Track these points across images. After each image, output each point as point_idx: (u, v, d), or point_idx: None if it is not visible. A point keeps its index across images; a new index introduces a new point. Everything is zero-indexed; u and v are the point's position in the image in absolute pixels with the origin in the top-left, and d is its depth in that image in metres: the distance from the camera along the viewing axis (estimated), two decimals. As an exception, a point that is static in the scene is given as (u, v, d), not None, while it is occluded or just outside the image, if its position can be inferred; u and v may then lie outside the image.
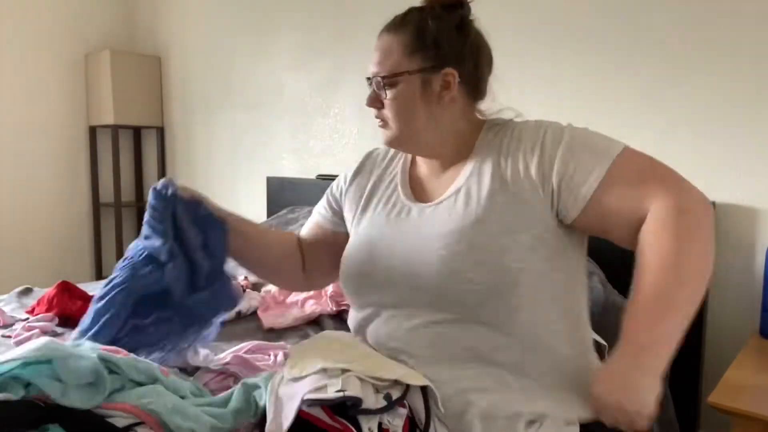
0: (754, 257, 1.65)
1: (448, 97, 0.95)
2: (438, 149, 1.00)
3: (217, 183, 3.26)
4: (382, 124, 0.99)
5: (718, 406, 1.17)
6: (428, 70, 0.94)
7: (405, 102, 0.95)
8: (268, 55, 2.91)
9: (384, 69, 0.95)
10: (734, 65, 1.65)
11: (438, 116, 0.97)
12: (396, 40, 0.96)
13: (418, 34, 0.95)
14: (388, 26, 0.99)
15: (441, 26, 0.95)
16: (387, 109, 0.97)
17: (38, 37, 3.27)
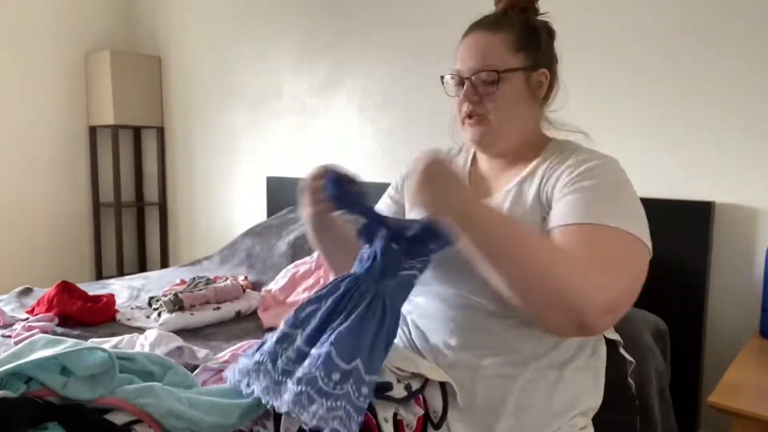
0: (754, 257, 1.65)
1: (540, 94, 1.01)
2: (515, 146, 1.02)
3: (217, 183, 3.26)
4: (476, 121, 0.99)
5: (718, 406, 1.17)
6: (531, 68, 0.98)
7: (512, 96, 0.97)
8: (268, 55, 2.91)
9: (490, 64, 0.96)
10: (734, 65, 1.65)
11: (528, 113, 1.01)
12: (498, 38, 0.97)
13: (524, 32, 0.98)
14: (484, 25, 1.00)
15: (542, 28, 1.01)
16: (490, 104, 0.97)
17: (38, 37, 3.27)
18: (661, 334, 1.60)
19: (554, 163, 0.96)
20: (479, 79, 0.97)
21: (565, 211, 0.87)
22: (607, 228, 0.83)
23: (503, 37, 0.97)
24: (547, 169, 0.96)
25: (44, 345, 0.86)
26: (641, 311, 1.62)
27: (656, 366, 1.47)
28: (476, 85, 0.97)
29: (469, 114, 0.99)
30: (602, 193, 0.88)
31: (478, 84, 0.97)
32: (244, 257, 2.38)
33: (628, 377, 1.16)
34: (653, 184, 1.78)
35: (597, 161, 0.92)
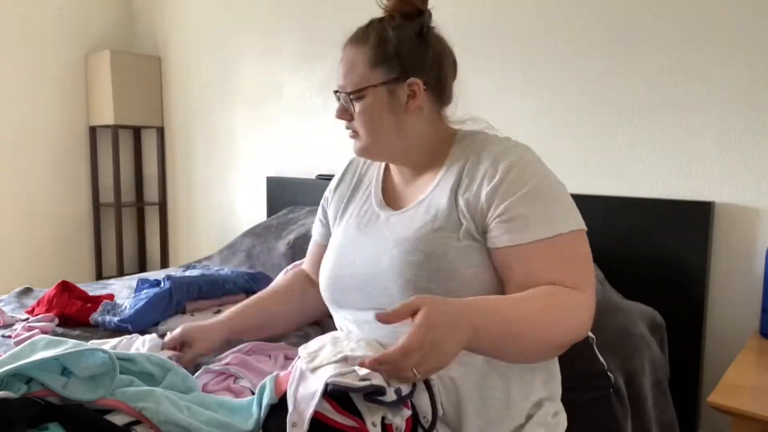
0: (754, 257, 1.65)
1: (414, 105, 0.98)
2: (408, 157, 1.02)
3: (217, 183, 3.26)
4: (353, 135, 1.02)
5: (718, 406, 1.18)
6: (393, 81, 0.96)
7: (372, 114, 0.97)
8: (268, 55, 2.91)
9: (350, 83, 0.97)
10: (734, 65, 1.65)
11: (406, 125, 0.99)
12: (359, 53, 0.97)
13: (380, 45, 0.96)
14: (351, 38, 1.00)
15: (402, 36, 0.96)
16: (356, 121, 0.99)
17: (38, 37, 3.27)
18: (657, 326, 1.60)
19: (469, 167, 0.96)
20: (344, 98, 0.99)
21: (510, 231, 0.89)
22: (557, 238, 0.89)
23: (363, 51, 0.97)
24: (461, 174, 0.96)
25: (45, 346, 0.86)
26: (636, 303, 1.62)
27: (651, 357, 1.47)
28: (345, 103, 1.00)
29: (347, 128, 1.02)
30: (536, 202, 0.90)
31: (345, 101, 1.00)
32: (244, 257, 2.38)
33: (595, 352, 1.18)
34: (653, 184, 1.78)
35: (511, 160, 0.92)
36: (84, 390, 0.82)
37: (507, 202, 0.90)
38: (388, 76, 0.96)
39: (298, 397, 0.83)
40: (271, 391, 0.88)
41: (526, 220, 0.89)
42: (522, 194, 0.90)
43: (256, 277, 1.96)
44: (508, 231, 0.89)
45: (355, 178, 1.16)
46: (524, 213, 0.89)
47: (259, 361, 1.22)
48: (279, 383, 0.89)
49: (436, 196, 0.97)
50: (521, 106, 2.02)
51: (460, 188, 0.94)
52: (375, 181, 1.11)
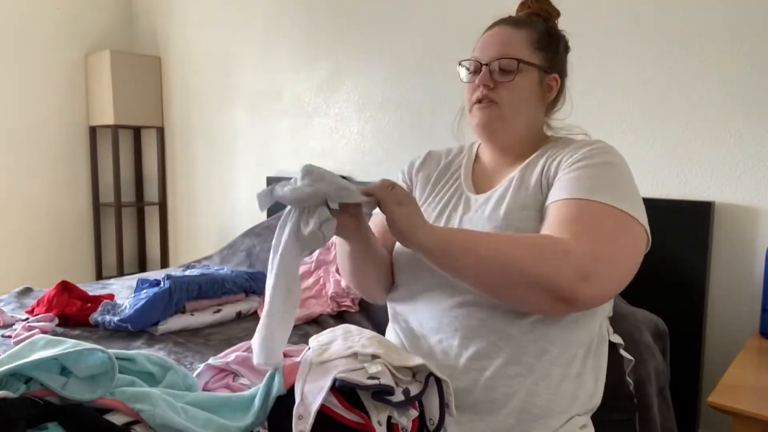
0: (754, 257, 1.65)
1: (549, 98, 1.06)
2: (518, 142, 1.05)
3: (217, 183, 3.26)
4: (486, 105, 1.02)
5: (718, 406, 1.17)
6: (546, 69, 1.03)
7: (523, 90, 1.01)
8: (268, 55, 2.91)
9: (510, 54, 1.00)
10: (733, 66, 1.65)
11: (536, 113, 1.05)
12: (521, 34, 1.01)
13: (546, 35, 1.03)
14: (508, 21, 1.05)
15: (561, 37, 1.08)
16: (503, 91, 1.01)
17: (38, 37, 3.27)
18: (660, 334, 1.60)
19: (555, 151, 1.00)
20: (497, 67, 1.00)
21: (561, 187, 0.91)
22: (596, 204, 0.87)
23: (526, 33, 1.02)
24: (549, 156, 1.00)
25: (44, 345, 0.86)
26: (640, 310, 1.62)
27: (655, 365, 1.47)
28: (493, 72, 1.01)
29: (479, 99, 1.02)
30: (600, 171, 0.91)
31: (495, 71, 1.01)
32: (244, 257, 2.38)
33: (626, 376, 1.17)
34: (653, 184, 1.78)
35: (596, 145, 0.97)
36: (83, 390, 0.82)
37: (576, 165, 0.93)
38: (544, 63, 1.02)
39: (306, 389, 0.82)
40: (280, 382, 0.88)
41: (581, 181, 0.90)
42: (593, 162, 0.92)
43: (255, 276, 1.96)
44: (560, 186, 0.92)
45: (439, 166, 1.16)
46: (585, 175, 0.90)
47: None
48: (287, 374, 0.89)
49: (527, 176, 1.00)
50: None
51: (548, 169, 0.98)
52: (464, 167, 1.13)
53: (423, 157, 1.20)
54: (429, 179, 1.15)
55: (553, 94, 1.05)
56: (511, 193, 0.99)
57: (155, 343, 1.56)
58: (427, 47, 2.28)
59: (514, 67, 0.99)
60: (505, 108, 1.01)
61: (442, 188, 1.12)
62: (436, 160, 1.18)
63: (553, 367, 0.92)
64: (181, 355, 1.48)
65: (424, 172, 1.17)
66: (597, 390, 0.99)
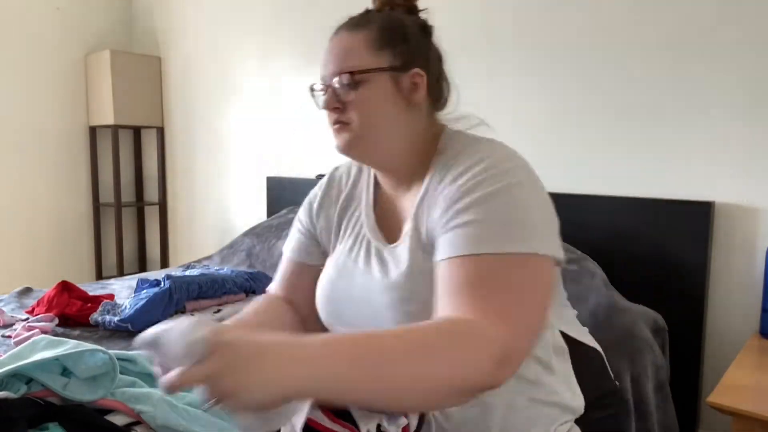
0: (754, 257, 1.65)
1: (417, 99, 0.88)
2: (396, 159, 0.91)
3: (217, 183, 3.26)
4: (339, 128, 0.89)
5: (718, 406, 1.17)
6: (398, 68, 0.87)
7: (373, 102, 0.87)
8: (268, 55, 2.91)
9: (348, 66, 0.86)
10: (734, 66, 1.65)
11: (403, 121, 0.89)
12: (358, 38, 0.88)
13: (386, 29, 0.88)
14: (345, 26, 0.91)
15: (408, 23, 0.90)
16: (352, 109, 0.87)
17: (38, 37, 3.27)
18: (659, 329, 1.60)
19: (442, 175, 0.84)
20: (340, 83, 0.87)
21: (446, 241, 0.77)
22: (491, 257, 0.72)
23: (362, 35, 0.88)
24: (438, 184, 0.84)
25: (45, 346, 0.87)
26: (639, 306, 1.62)
27: (653, 360, 1.47)
28: (337, 91, 0.87)
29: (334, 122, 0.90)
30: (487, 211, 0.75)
31: (340, 89, 0.87)
32: (244, 257, 2.38)
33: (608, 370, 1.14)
34: (653, 184, 1.78)
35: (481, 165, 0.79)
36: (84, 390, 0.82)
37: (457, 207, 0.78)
38: (393, 62, 0.87)
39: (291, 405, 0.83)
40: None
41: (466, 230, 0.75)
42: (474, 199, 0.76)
43: (256, 276, 1.96)
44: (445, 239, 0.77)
45: (340, 200, 1.01)
46: (469, 222, 0.75)
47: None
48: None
49: (420, 226, 0.86)
50: (521, 107, 2.02)
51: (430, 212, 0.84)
52: (365, 199, 0.98)
53: (324, 186, 1.05)
54: (330, 221, 1.01)
55: (420, 92, 0.88)
56: (409, 253, 0.85)
57: (155, 343, 1.56)
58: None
59: (352, 80, 0.85)
60: (359, 129, 0.87)
61: (345, 231, 0.98)
62: (337, 192, 1.03)
63: (518, 397, 0.86)
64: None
65: (325, 213, 1.02)
66: (574, 396, 0.93)
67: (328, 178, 1.06)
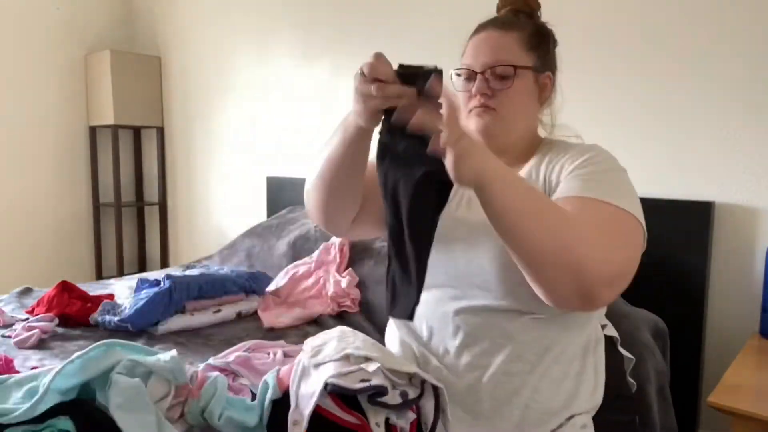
0: (754, 257, 1.65)
1: (545, 97, 1.05)
2: (517, 143, 1.04)
3: (217, 183, 3.26)
4: (483, 111, 1.00)
5: (718, 406, 1.18)
6: (539, 68, 1.02)
7: (520, 94, 1.00)
8: (268, 55, 2.91)
9: (504, 60, 0.98)
10: (735, 65, 1.65)
11: (533, 114, 1.05)
12: (511, 37, 1.00)
13: (536, 34, 1.02)
14: (495, 24, 1.02)
15: (550, 33, 1.06)
16: (504, 96, 0.99)
17: (38, 37, 3.27)
18: (660, 333, 1.60)
19: (554, 157, 0.99)
20: (493, 74, 0.98)
21: (570, 186, 0.90)
22: (609, 205, 0.86)
23: (515, 35, 1.00)
24: (549, 163, 0.99)
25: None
26: (641, 310, 1.62)
27: (655, 365, 1.47)
28: (489, 80, 0.99)
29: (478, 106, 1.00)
30: (605, 176, 0.91)
31: (491, 78, 0.99)
32: (244, 257, 2.38)
33: (627, 376, 1.17)
34: (653, 184, 1.78)
35: (597, 151, 0.96)
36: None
37: (581, 169, 0.92)
38: (537, 63, 1.01)
39: (300, 394, 0.83)
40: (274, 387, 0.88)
41: (589, 183, 0.89)
42: (596, 167, 0.92)
43: (256, 276, 1.96)
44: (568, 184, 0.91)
45: None
46: (592, 177, 0.90)
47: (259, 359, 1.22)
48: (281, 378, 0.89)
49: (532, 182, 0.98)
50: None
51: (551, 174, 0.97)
52: None
53: None
54: None
55: (548, 93, 1.05)
56: None
57: (155, 343, 1.56)
58: (427, 46, 2.28)
59: (511, 73, 0.98)
60: (505, 114, 1.00)
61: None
62: None
63: (554, 365, 0.93)
64: (182, 355, 1.48)
65: None
66: (597, 388, 1.00)
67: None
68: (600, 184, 0.89)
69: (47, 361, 1.38)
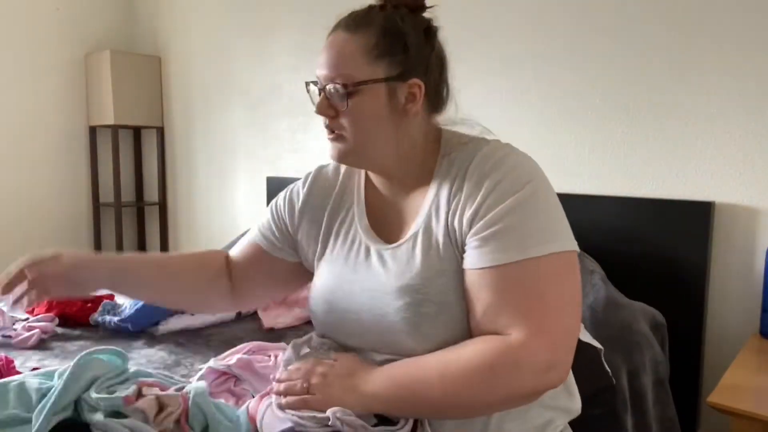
0: (754, 257, 1.65)
1: (414, 110, 0.85)
2: (394, 167, 0.89)
3: (217, 183, 3.26)
4: (334, 137, 0.87)
5: (718, 406, 1.18)
6: (394, 79, 0.83)
7: (367, 114, 0.84)
8: (268, 55, 2.91)
9: (342, 74, 0.83)
10: (734, 65, 1.65)
11: (399, 131, 0.86)
12: (356, 41, 0.83)
13: (385, 36, 0.83)
14: (346, 23, 0.85)
15: (410, 29, 0.84)
16: (345, 119, 0.85)
17: (38, 37, 3.27)
18: (658, 325, 1.60)
19: (455, 187, 0.83)
20: (333, 90, 0.83)
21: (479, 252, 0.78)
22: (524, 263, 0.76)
23: (361, 40, 0.82)
24: (450, 197, 0.83)
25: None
26: (638, 303, 1.62)
27: (652, 356, 1.47)
28: (331, 96, 0.84)
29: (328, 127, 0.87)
30: (513, 220, 0.77)
31: (333, 96, 0.84)
32: (244, 257, 2.38)
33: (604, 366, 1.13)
34: (653, 183, 1.78)
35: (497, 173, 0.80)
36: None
37: (485, 219, 0.78)
38: (390, 73, 0.83)
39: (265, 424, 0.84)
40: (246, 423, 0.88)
41: (497, 242, 0.77)
42: (501, 211, 0.77)
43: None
44: (478, 250, 0.78)
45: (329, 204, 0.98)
46: (498, 231, 0.77)
47: (260, 362, 1.22)
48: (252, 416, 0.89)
49: (434, 228, 0.84)
50: (521, 107, 2.02)
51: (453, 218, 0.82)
52: (357, 200, 0.95)
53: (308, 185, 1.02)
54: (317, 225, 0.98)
55: (417, 104, 0.85)
56: (421, 254, 0.83)
57: (155, 344, 1.56)
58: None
59: (346, 92, 0.82)
60: (351, 140, 0.85)
61: (337, 238, 0.95)
62: (324, 194, 0.99)
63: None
64: (182, 356, 1.48)
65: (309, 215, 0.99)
66: (571, 398, 0.92)
67: (312, 179, 1.02)
68: (510, 237, 0.76)
69: (47, 361, 1.39)
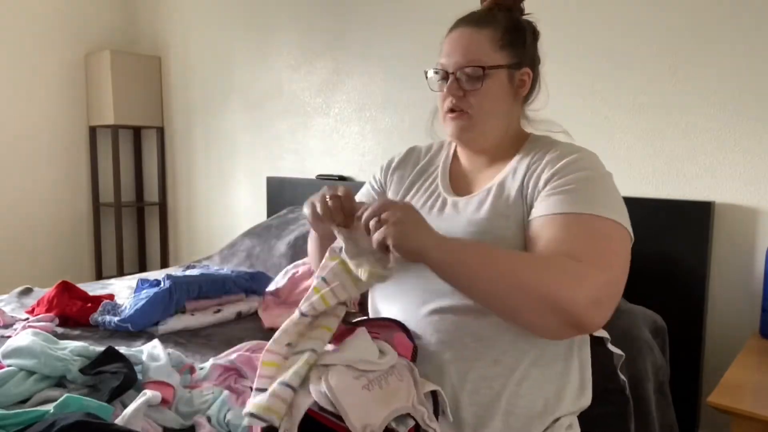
0: (754, 257, 1.65)
1: (522, 94, 1.02)
2: (496, 143, 1.04)
3: (217, 183, 3.26)
4: (458, 115, 1.01)
5: (718, 406, 1.18)
6: (514, 66, 0.99)
7: (493, 95, 0.99)
8: (268, 55, 2.91)
9: (474, 59, 0.97)
10: (734, 65, 1.65)
11: (510, 113, 1.03)
12: (483, 35, 0.98)
13: (510, 30, 0.99)
14: (469, 21, 1.01)
15: (526, 28, 1.02)
16: (473, 98, 0.99)
17: (38, 37, 3.27)
18: (659, 330, 1.60)
19: (535, 158, 0.98)
20: (464, 74, 0.98)
21: (550, 203, 0.89)
22: (590, 216, 0.86)
23: (488, 33, 0.98)
24: (530, 164, 0.98)
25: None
26: (639, 307, 1.62)
27: (654, 361, 1.47)
28: (460, 80, 0.99)
29: (451, 108, 1.01)
30: (585, 184, 0.90)
31: (463, 79, 0.99)
32: (244, 257, 2.38)
33: (618, 371, 1.16)
34: (653, 184, 1.78)
35: (577, 154, 0.95)
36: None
37: (560, 180, 0.91)
38: (511, 60, 0.99)
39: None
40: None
41: (569, 195, 0.88)
42: (575, 176, 0.90)
43: (256, 277, 1.96)
44: (548, 201, 0.90)
45: (418, 166, 1.14)
46: (571, 189, 0.89)
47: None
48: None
49: (507, 185, 0.98)
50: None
51: (529, 180, 0.95)
52: (442, 167, 1.11)
53: (403, 154, 1.20)
54: (404, 180, 1.14)
55: (525, 89, 1.03)
56: (491, 200, 0.97)
57: (155, 343, 1.56)
58: (427, 46, 2.28)
59: (481, 74, 0.97)
60: (477, 116, 0.99)
61: (419, 189, 1.11)
62: (415, 160, 1.17)
63: (533, 368, 0.91)
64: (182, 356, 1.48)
65: (400, 172, 1.16)
66: (584, 390, 0.98)
67: (407, 151, 1.20)
68: (580, 195, 0.88)
69: (47, 361, 1.38)
